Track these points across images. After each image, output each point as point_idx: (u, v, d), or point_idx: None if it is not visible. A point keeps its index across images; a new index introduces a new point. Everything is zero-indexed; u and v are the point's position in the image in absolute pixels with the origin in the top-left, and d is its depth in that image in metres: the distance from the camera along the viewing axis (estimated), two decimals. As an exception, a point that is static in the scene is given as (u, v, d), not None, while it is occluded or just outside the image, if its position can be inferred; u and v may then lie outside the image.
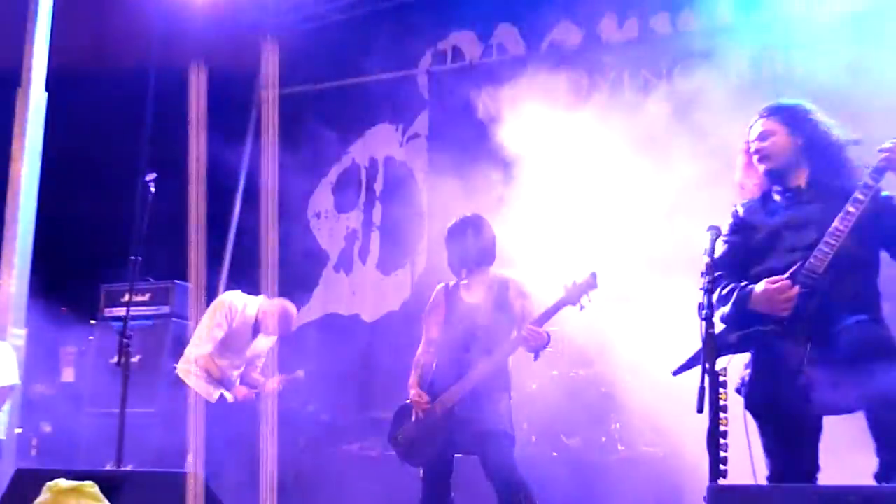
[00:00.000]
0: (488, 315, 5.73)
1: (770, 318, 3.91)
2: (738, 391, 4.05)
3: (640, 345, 8.43)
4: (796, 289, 3.86)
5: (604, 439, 7.73)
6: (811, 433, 3.97)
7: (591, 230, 8.54)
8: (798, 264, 3.92)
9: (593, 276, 5.61)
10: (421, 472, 5.81)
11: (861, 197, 3.88)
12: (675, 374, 4.18)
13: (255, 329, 7.64)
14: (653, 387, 8.19)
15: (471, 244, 5.87)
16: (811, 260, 3.88)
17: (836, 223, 3.86)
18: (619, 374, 8.11)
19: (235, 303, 7.60)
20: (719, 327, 3.86)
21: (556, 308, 5.64)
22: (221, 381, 7.48)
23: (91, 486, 3.38)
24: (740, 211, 4.39)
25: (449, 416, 5.61)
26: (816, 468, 3.95)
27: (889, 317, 4.02)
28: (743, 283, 4.05)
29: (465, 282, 5.94)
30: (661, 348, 8.21)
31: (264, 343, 7.81)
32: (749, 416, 3.98)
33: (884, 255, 4.07)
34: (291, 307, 7.91)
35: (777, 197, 4.30)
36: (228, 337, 7.50)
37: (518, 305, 5.75)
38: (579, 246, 7.32)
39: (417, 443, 5.75)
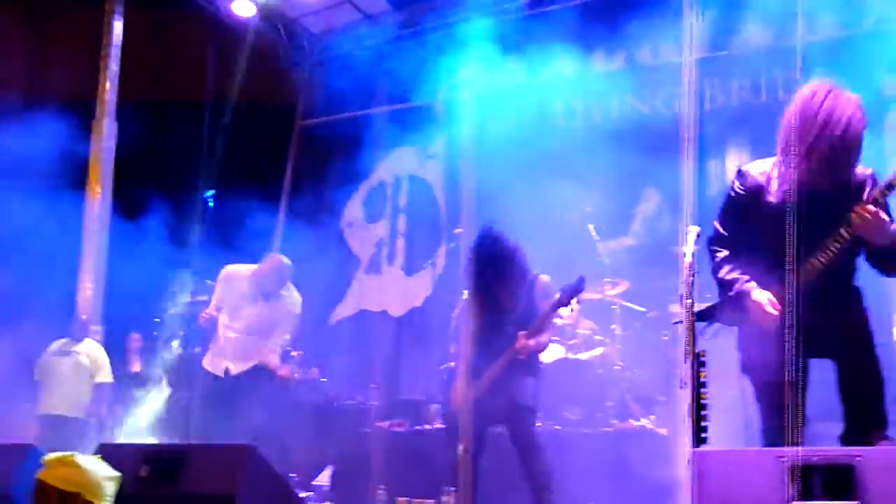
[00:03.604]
0: (517, 312, 5.81)
1: None
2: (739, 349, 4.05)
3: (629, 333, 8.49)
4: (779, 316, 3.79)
5: (600, 414, 7.74)
6: (798, 385, 3.89)
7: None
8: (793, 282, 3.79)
9: (581, 280, 5.71)
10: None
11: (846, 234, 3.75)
12: (674, 324, 4.24)
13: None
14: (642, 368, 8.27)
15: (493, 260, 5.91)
16: (803, 267, 3.79)
17: (830, 243, 3.75)
18: (613, 358, 8.15)
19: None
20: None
21: (550, 312, 5.77)
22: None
23: (72, 456, 3.41)
24: (753, 172, 4.04)
25: (480, 398, 5.72)
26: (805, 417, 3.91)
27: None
28: (745, 278, 3.92)
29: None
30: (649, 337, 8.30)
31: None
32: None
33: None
34: (283, 258, 7.45)
35: (775, 184, 3.97)
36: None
37: (541, 306, 5.82)
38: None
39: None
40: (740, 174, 4.07)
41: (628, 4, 9.54)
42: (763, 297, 3.83)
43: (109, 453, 4.82)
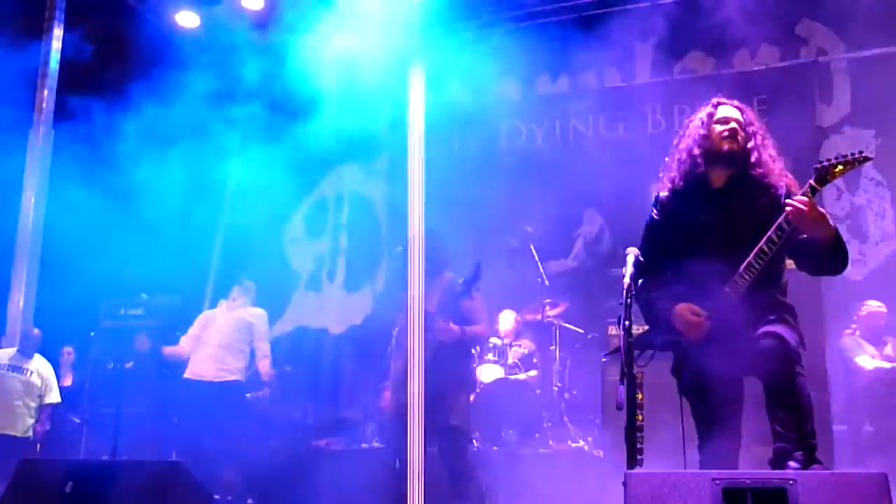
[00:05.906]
0: (440, 318, 5.78)
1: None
2: (672, 372, 4.06)
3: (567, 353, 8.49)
4: (708, 324, 3.84)
5: (537, 435, 7.73)
6: (732, 405, 3.96)
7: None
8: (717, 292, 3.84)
9: (477, 266, 5.69)
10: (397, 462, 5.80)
11: (776, 239, 3.72)
12: (604, 357, 4.24)
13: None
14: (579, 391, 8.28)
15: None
16: (727, 289, 3.83)
17: (750, 258, 3.76)
18: (551, 379, 8.15)
19: None
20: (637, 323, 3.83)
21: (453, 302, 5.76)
22: None
23: None
24: (663, 197, 4.14)
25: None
26: (739, 436, 3.96)
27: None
28: (664, 297, 3.97)
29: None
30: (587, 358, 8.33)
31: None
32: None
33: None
34: None
35: (687, 193, 4.06)
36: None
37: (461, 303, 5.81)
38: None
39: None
40: (657, 200, 4.16)
41: (573, 29, 9.61)
42: (684, 309, 3.87)
43: (34, 469, 4.71)
